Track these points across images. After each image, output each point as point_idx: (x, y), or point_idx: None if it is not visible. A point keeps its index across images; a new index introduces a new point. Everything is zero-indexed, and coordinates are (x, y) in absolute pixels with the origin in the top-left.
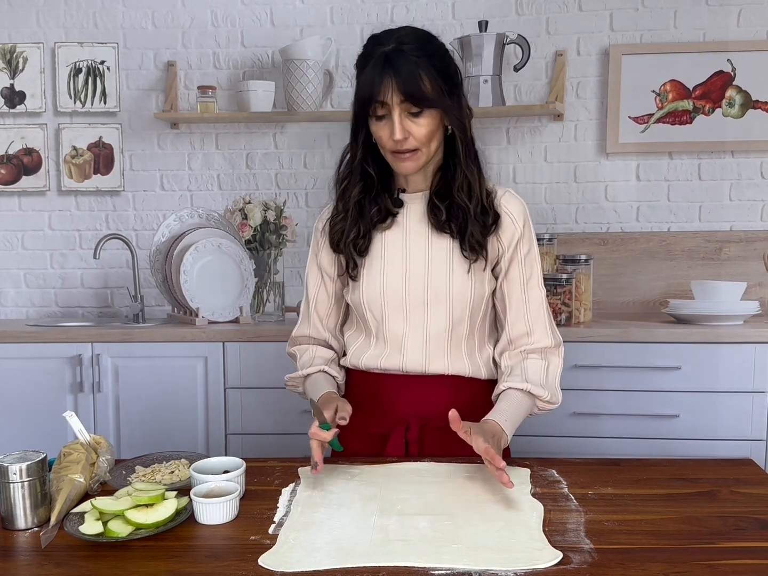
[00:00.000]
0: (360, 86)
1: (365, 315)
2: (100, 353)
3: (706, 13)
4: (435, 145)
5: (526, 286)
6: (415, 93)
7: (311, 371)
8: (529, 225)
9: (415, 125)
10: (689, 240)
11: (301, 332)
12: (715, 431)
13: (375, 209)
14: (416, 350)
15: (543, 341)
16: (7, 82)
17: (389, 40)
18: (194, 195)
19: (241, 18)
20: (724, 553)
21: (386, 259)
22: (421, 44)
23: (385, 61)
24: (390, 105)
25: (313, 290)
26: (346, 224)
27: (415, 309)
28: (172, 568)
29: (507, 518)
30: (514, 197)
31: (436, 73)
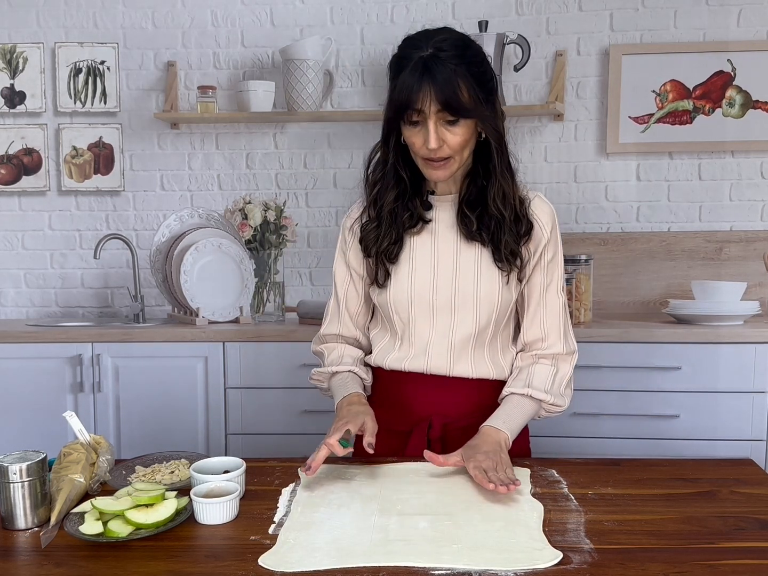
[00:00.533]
0: (396, 91)
1: (392, 317)
2: (101, 353)
3: (706, 13)
4: (467, 152)
5: (546, 292)
6: (453, 103)
7: (340, 369)
8: (557, 231)
9: (450, 134)
10: (689, 240)
11: (330, 330)
12: (715, 431)
13: (407, 215)
14: (441, 354)
15: (555, 347)
16: (7, 82)
17: (427, 45)
18: (194, 195)
19: (241, 18)
20: (724, 553)
21: (415, 264)
22: (459, 51)
23: (424, 68)
24: (426, 113)
25: (343, 288)
26: (381, 231)
27: (442, 313)
28: (172, 568)
29: (507, 518)
30: (543, 202)
31: (474, 82)
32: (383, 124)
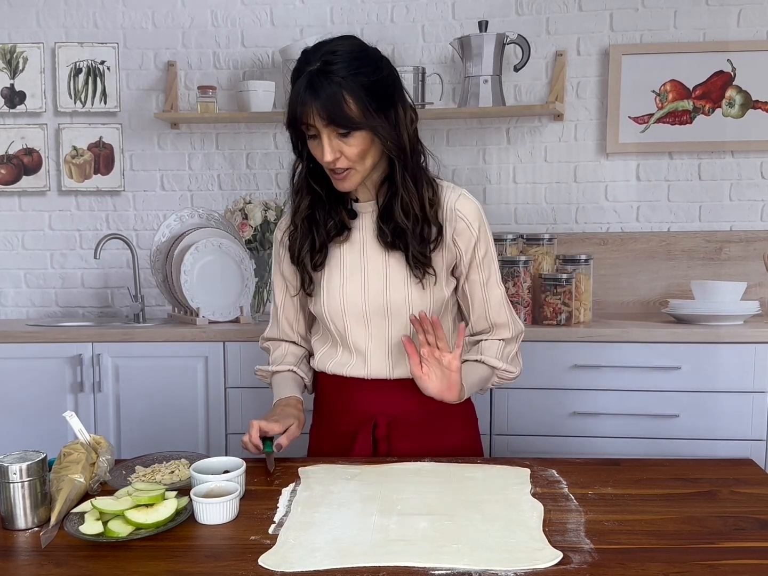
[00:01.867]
0: (288, 106)
1: (329, 326)
2: (101, 353)
3: (706, 13)
4: (370, 161)
5: (486, 287)
6: (337, 118)
7: (280, 369)
8: (485, 227)
9: (346, 145)
10: (689, 240)
11: (271, 334)
12: (715, 431)
13: (331, 223)
14: (380, 359)
15: (503, 334)
16: (7, 82)
17: (317, 58)
18: (194, 195)
19: (241, 18)
20: (724, 553)
21: (345, 272)
22: (348, 62)
23: (308, 84)
24: (317, 128)
25: (280, 298)
26: (299, 239)
27: (375, 320)
28: (172, 568)
29: (507, 518)
30: (467, 200)
31: (363, 93)
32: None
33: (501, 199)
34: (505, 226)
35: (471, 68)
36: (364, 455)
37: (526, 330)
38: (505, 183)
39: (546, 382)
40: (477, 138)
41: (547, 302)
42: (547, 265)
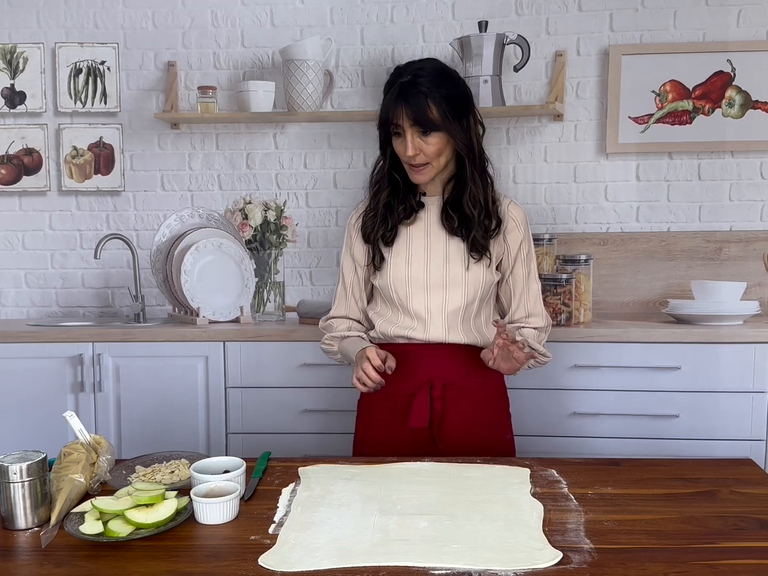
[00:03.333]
0: (382, 111)
1: (392, 296)
2: (101, 353)
3: (706, 13)
4: (444, 159)
5: (527, 280)
6: (421, 118)
7: (351, 334)
8: (529, 229)
9: (425, 143)
10: (689, 240)
11: (338, 312)
12: (715, 431)
13: (401, 207)
14: (437, 323)
15: (537, 323)
16: (8, 82)
17: (407, 72)
18: (195, 195)
19: (241, 18)
20: (724, 553)
21: (411, 250)
22: (433, 76)
23: (400, 91)
24: (403, 127)
25: (349, 277)
26: (377, 221)
27: (435, 289)
28: (172, 568)
29: (507, 518)
30: (517, 206)
31: (443, 101)
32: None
33: None
34: None
35: (471, 68)
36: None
37: None
38: (505, 183)
39: (546, 382)
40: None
41: (547, 302)
42: (547, 265)
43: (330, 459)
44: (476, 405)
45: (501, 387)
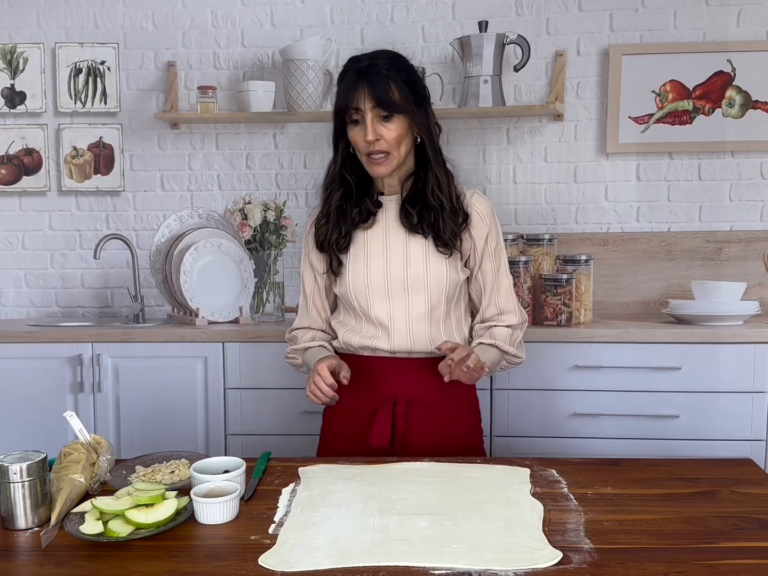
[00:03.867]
0: (338, 96)
1: (353, 303)
2: (101, 353)
3: (706, 13)
4: (404, 149)
5: (497, 275)
6: (384, 98)
7: (313, 345)
8: (496, 222)
9: (386, 129)
10: (689, 240)
11: (300, 324)
12: (715, 431)
13: (356, 211)
14: (401, 331)
15: (511, 320)
16: (8, 83)
17: (364, 59)
18: (194, 195)
19: (241, 18)
20: (724, 553)
21: (369, 254)
22: (392, 61)
23: (359, 74)
24: (363, 110)
25: (309, 287)
26: (329, 226)
27: (397, 295)
28: (172, 568)
29: (507, 518)
30: (482, 197)
31: (404, 86)
32: (332, 133)
33: (501, 200)
34: (505, 227)
35: (471, 68)
36: (383, 432)
37: (527, 330)
38: (505, 183)
39: (546, 382)
40: (477, 138)
41: (547, 303)
42: (547, 266)
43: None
44: (443, 422)
45: (472, 401)
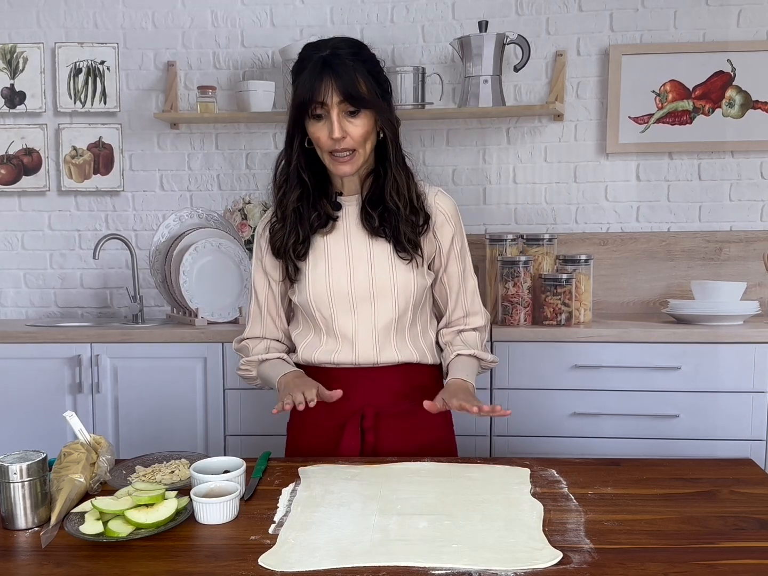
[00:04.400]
0: (299, 88)
1: (314, 314)
2: (100, 354)
3: (706, 13)
4: (369, 146)
5: (463, 277)
6: (353, 93)
7: (270, 357)
8: (460, 222)
9: (352, 125)
10: (689, 240)
11: (253, 333)
12: (715, 431)
13: (314, 215)
14: (367, 343)
15: (477, 322)
16: (7, 82)
17: (325, 47)
18: (194, 195)
19: (241, 18)
20: (724, 553)
21: (330, 261)
22: (355, 50)
23: (324, 64)
24: (329, 105)
25: (263, 293)
26: (286, 231)
27: (361, 304)
28: (172, 568)
29: (507, 518)
30: (445, 196)
31: (371, 78)
32: (287, 127)
33: (501, 200)
34: (505, 227)
35: (471, 68)
36: (352, 447)
37: (526, 331)
38: (505, 183)
39: (546, 382)
40: (477, 138)
41: (547, 302)
42: (547, 266)
43: (330, 459)
44: (414, 429)
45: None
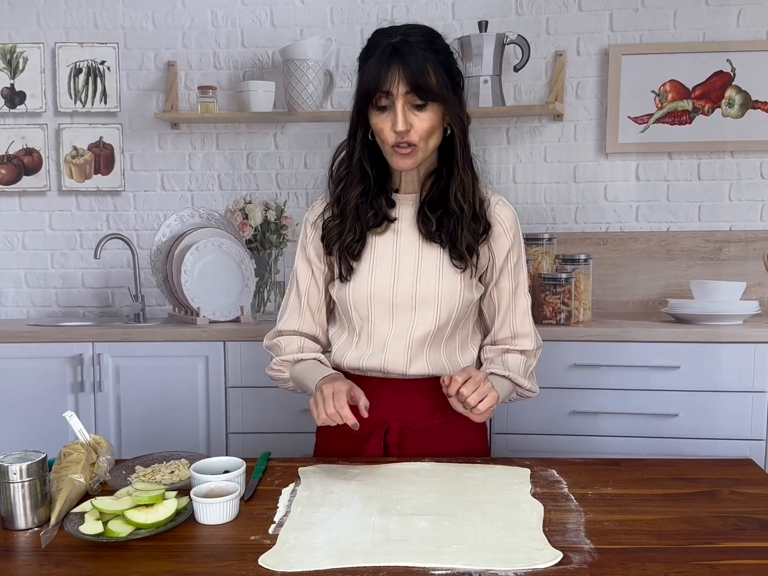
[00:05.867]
0: (364, 76)
1: (350, 313)
2: (101, 353)
3: (706, 13)
4: (433, 143)
5: (514, 295)
6: (422, 84)
7: (305, 357)
8: (519, 235)
9: (417, 119)
10: (689, 240)
11: (289, 326)
12: (715, 431)
13: (371, 213)
14: (398, 352)
15: (525, 345)
16: (8, 82)
17: (396, 34)
18: (195, 195)
19: (241, 18)
20: (724, 553)
21: (376, 262)
22: (428, 38)
23: (393, 51)
24: (394, 95)
25: (304, 282)
26: (345, 227)
27: (401, 311)
28: (172, 568)
29: (507, 518)
30: (506, 206)
31: (442, 69)
32: (351, 117)
33: None
34: None
35: (471, 68)
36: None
37: None
38: (505, 183)
39: (546, 381)
40: (477, 138)
41: (546, 302)
42: (546, 265)
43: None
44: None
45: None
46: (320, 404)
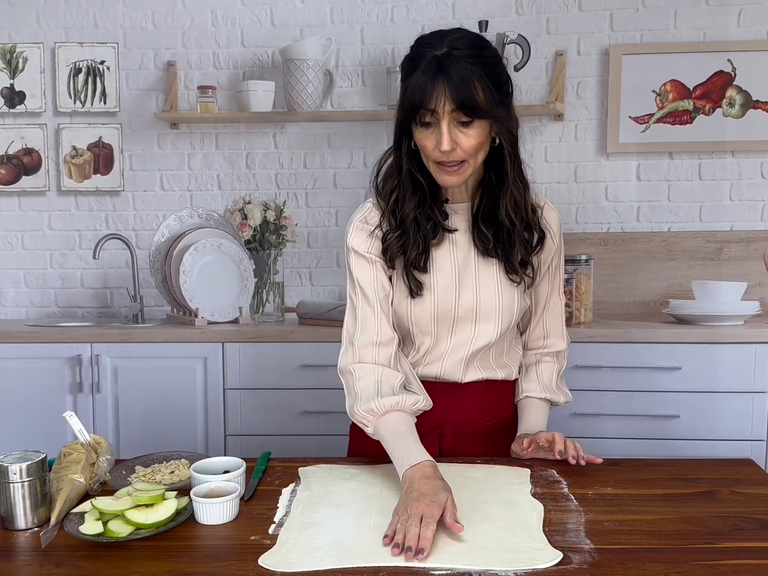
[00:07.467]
0: (409, 91)
1: (411, 329)
2: (100, 353)
3: (706, 13)
4: (481, 156)
5: (550, 296)
6: (468, 102)
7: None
8: (562, 239)
9: (464, 136)
10: (689, 240)
11: (365, 339)
12: (715, 431)
13: (430, 225)
14: (455, 362)
15: (558, 345)
16: (7, 82)
17: (441, 44)
18: (194, 195)
19: (241, 18)
20: (724, 553)
21: (437, 276)
22: (475, 50)
23: (438, 66)
24: (440, 113)
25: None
26: (407, 241)
27: (462, 324)
28: (172, 568)
29: (507, 518)
30: (552, 211)
31: (490, 82)
32: (395, 127)
33: None
34: None
35: None
36: None
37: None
38: None
39: None
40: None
41: None
42: None
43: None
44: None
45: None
46: (401, 522)
